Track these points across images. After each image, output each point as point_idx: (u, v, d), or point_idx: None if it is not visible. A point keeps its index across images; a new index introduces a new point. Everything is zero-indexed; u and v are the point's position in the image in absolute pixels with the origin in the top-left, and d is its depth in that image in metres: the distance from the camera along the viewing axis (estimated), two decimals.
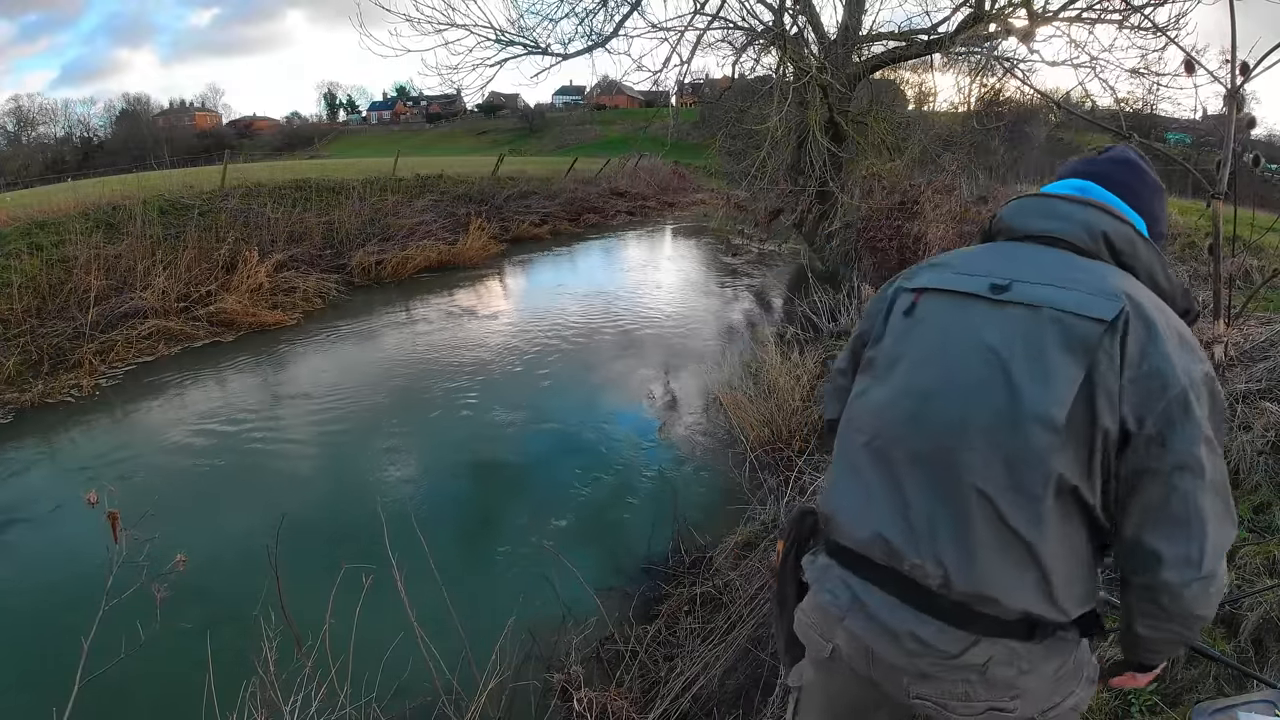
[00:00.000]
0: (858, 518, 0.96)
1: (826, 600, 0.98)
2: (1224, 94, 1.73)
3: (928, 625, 0.89)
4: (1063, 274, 0.89)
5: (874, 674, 0.96)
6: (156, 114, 53.06)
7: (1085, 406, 0.82)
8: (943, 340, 0.93)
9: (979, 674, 0.88)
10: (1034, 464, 0.83)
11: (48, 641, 2.69)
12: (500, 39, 8.74)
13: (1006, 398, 0.85)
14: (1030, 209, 0.99)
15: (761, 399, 4.25)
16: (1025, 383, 0.84)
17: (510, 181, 14.92)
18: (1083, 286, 0.86)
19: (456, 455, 4.56)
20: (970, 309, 0.92)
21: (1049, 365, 0.83)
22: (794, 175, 9.21)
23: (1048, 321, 0.85)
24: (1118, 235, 0.93)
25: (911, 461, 0.91)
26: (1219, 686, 1.64)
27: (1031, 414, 0.83)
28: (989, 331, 0.88)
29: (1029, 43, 7.81)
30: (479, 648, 2.22)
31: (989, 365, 0.87)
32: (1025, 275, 0.90)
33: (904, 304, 1.00)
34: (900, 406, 0.94)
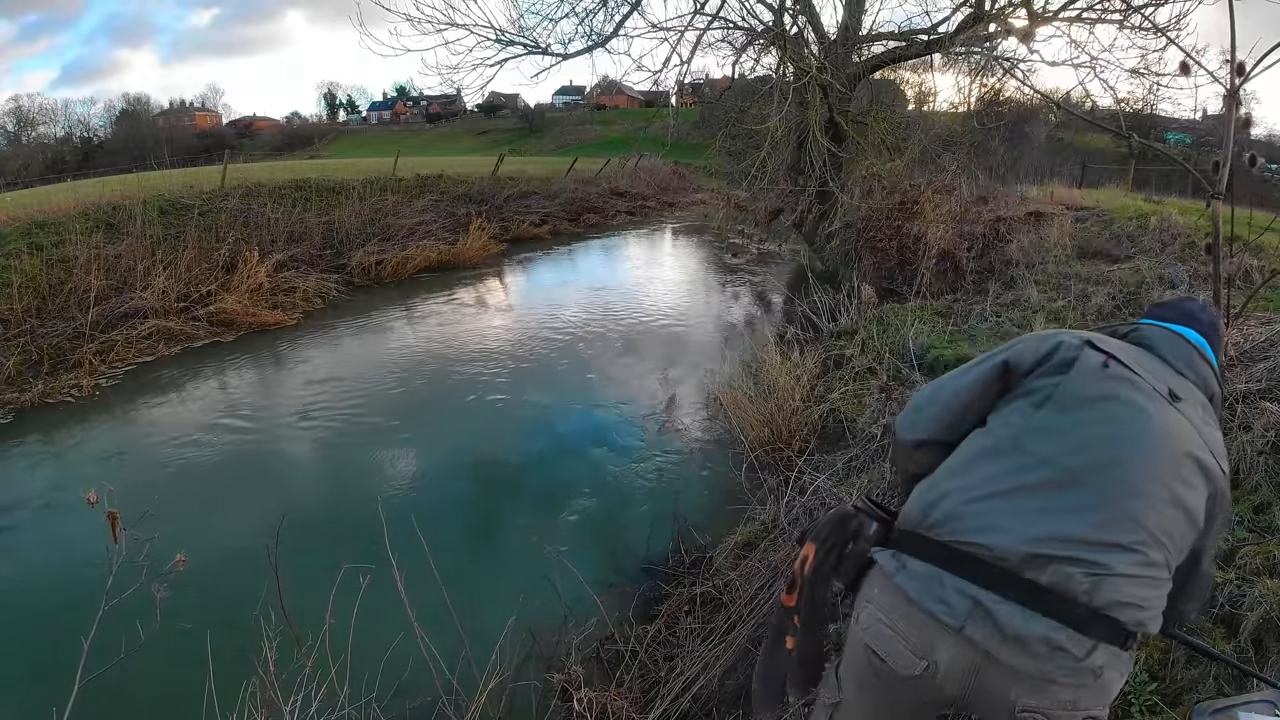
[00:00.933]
0: (1008, 526, 1.00)
1: (938, 609, 0.98)
2: (1223, 94, 1.73)
3: (1059, 630, 0.95)
4: (1202, 415, 1.11)
5: (974, 689, 0.98)
6: (156, 114, 53.05)
7: (1202, 517, 1.06)
8: (1140, 408, 1.07)
9: (1094, 677, 0.97)
10: (1177, 539, 1.04)
11: (48, 641, 2.69)
12: (500, 39, 8.75)
13: (1174, 481, 1.03)
14: (1173, 348, 1.19)
15: (761, 399, 4.25)
16: (1188, 478, 1.04)
17: (510, 181, 14.92)
18: (1212, 431, 1.11)
19: (456, 455, 4.56)
20: (1156, 399, 1.09)
21: (1198, 476, 1.05)
22: (794, 175, 9.22)
23: (1199, 444, 1.07)
24: (1218, 399, 1.18)
25: (1088, 490, 1.02)
26: (1219, 686, 1.64)
27: (1188, 506, 1.03)
28: (1174, 425, 1.06)
29: (1029, 43, 7.82)
30: (479, 648, 2.22)
31: (1171, 450, 1.04)
32: (1184, 397, 1.11)
33: (1096, 359, 1.12)
34: (1087, 442, 1.05)
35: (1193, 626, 1.78)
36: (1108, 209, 8.52)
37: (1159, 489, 1.01)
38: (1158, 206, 8.43)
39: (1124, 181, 13.10)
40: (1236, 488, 2.40)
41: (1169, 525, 1.01)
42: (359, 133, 59.92)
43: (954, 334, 4.84)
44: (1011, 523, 0.99)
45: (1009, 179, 11.18)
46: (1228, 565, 1.95)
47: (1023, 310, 5.18)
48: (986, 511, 1.02)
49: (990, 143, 11.61)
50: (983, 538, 0.99)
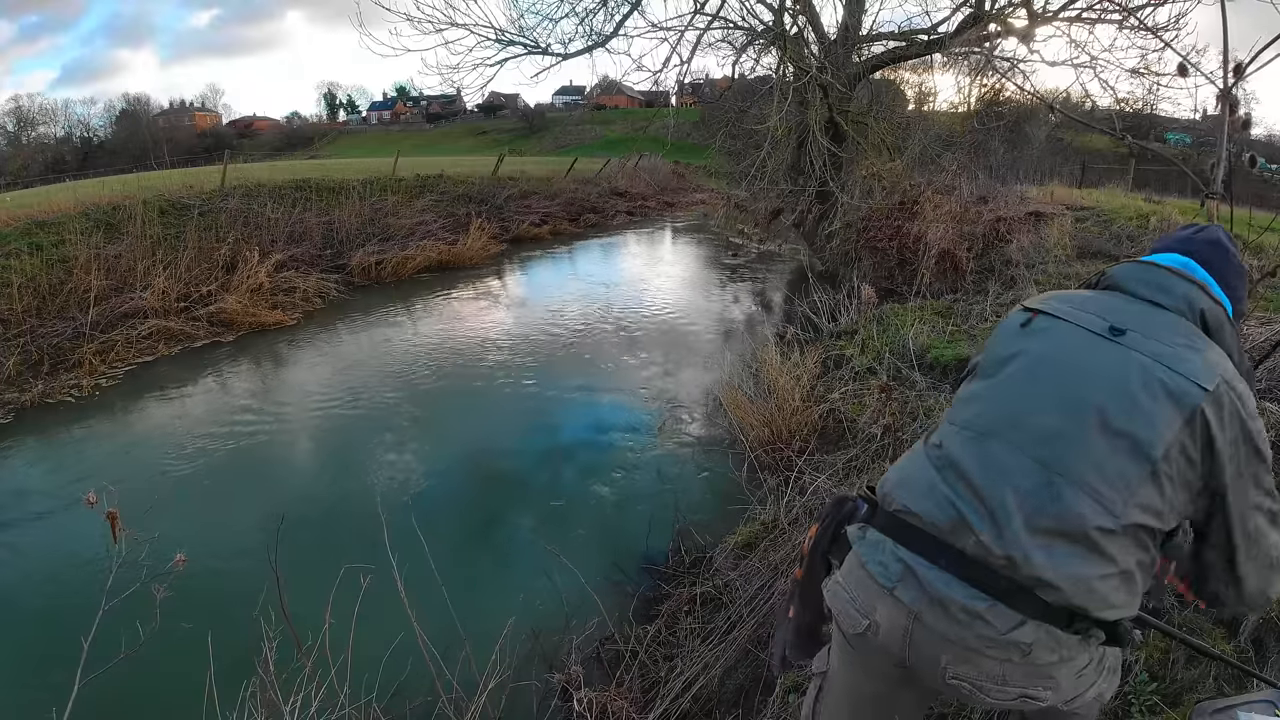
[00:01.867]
0: (928, 494, 1.03)
1: (876, 571, 1.02)
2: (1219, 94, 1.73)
3: (980, 600, 0.94)
4: (1172, 337, 1.02)
5: (908, 654, 1.00)
6: (156, 114, 53.09)
7: (1179, 452, 0.94)
8: (1059, 352, 1.04)
9: (1023, 655, 0.94)
10: (1120, 485, 0.94)
11: (47, 641, 2.69)
12: (500, 39, 8.74)
13: (1115, 419, 0.95)
14: (1141, 276, 1.12)
15: (761, 399, 4.25)
16: (1134, 413, 0.95)
17: (510, 181, 14.92)
18: (1189, 353, 0.99)
19: (456, 455, 4.56)
20: (1087, 339, 1.04)
21: (1155, 407, 0.95)
22: (794, 175, 9.22)
23: (1158, 371, 0.97)
24: (1211, 315, 1.07)
25: (1005, 449, 1.00)
26: (1219, 687, 1.64)
27: (1134, 442, 0.94)
28: (1106, 360, 1.01)
29: (1029, 43, 7.81)
30: (479, 648, 2.22)
31: (1103, 386, 0.98)
32: (1138, 329, 1.03)
33: (1018, 319, 1.11)
34: (1006, 400, 1.04)
35: (1194, 627, 1.78)
36: (1107, 209, 8.51)
37: (1076, 428, 0.96)
38: (1157, 206, 8.43)
39: (1124, 181, 13.10)
40: None
41: (1101, 463, 0.94)
42: (359, 133, 59.95)
43: (954, 334, 4.84)
44: (933, 487, 1.03)
45: (1009, 179, 11.17)
46: None
47: None
48: (913, 478, 1.07)
49: (990, 143, 11.60)
50: (914, 504, 1.03)
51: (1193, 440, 0.94)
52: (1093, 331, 1.04)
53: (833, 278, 7.72)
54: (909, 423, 3.51)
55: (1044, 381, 1.02)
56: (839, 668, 1.15)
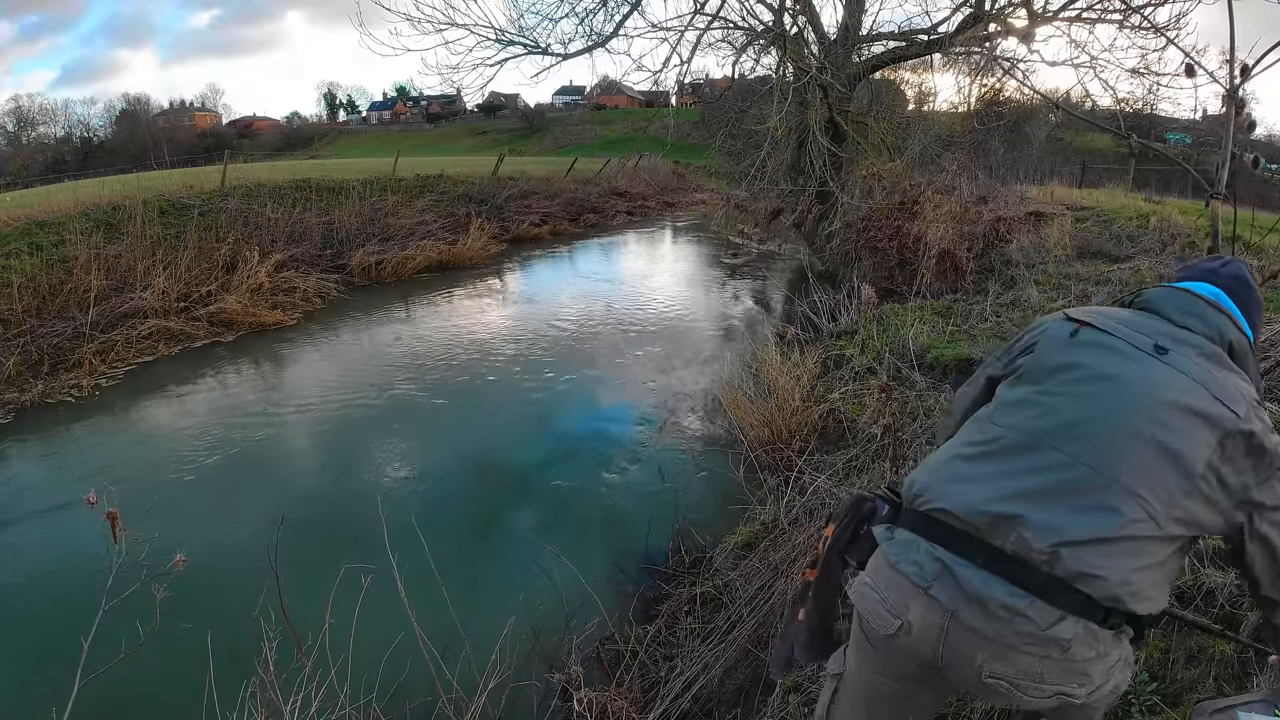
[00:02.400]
0: (969, 493, 1.04)
1: (910, 571, 1.03)
2: (1223, 94, 1.73)
3: (1020, 597, 0.96)
4: (1206, 361, 1.07)
5: (942, 653, 1.01)
6: (156, 114, 53.09)
7: (1213, 471, 0.99)
8: (1112, 367, 1.07)
9: (1062, 650, 0.96)
10: (1164, 496, 0.98)
11: (48, 641, 2.69)
12: (500, 39, 8.74)
13: (1163, 436, 0.99)
14: (1178, 303, 1.16)
15: (761, 399, 4.25)
16: (1180, 431, 1.00)
17: (510, 181, 14.92)
18: (1222, 378, 1.05)
19: (456, 455, 4.56)
20: (1137, 356, 1.08)
21: (1196, 426, 1.00)
22: (794, 175, 9.21)
23: (1198, 392, 1.02)
24: (1239, 345, 1.12)
25: (1059, 455, 1.02)
26: (1219, 687, 1.64)
27: (1178, 459, 0.98)
28: (1156, 377, 1.05)
29: (1029, 43, 7.80)
30: (479, 648, 2.22)
31: (1154, 402, 1.02)
32: (1179, 350, 1.08)
33: (1065, 329, 1.14)
34: (1061, 409, 1.06)
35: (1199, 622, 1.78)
36: (1108, 209, 8.51)
37: (1128, 441, 1.00)
38: (1158, 206, 8.43)
39: (1124, 181, 13.09)
40: None
41: (1148, 475, 0.98)
42: (359, 133, 59.95)
43: (954, 334, 4.84)
44: (974, 487, 1.04)
45: (1009, 179, 11.17)
46: (1228, 566, 1.95)
47: (1023, 310, 5.17)
48: (952, 478, 1.08)
49: (990, 143, 11.60)
50: (948, 502, 1.04)
51: (1224, 460, 0.99)
52: (1140, 349, 1.08)
53: (833, 278, 7.72)
54: (909, 423, 3.51)
55: (1100, 395, 1.05)
56: (856, 668, 1.15)
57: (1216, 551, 2.00)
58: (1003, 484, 1.02)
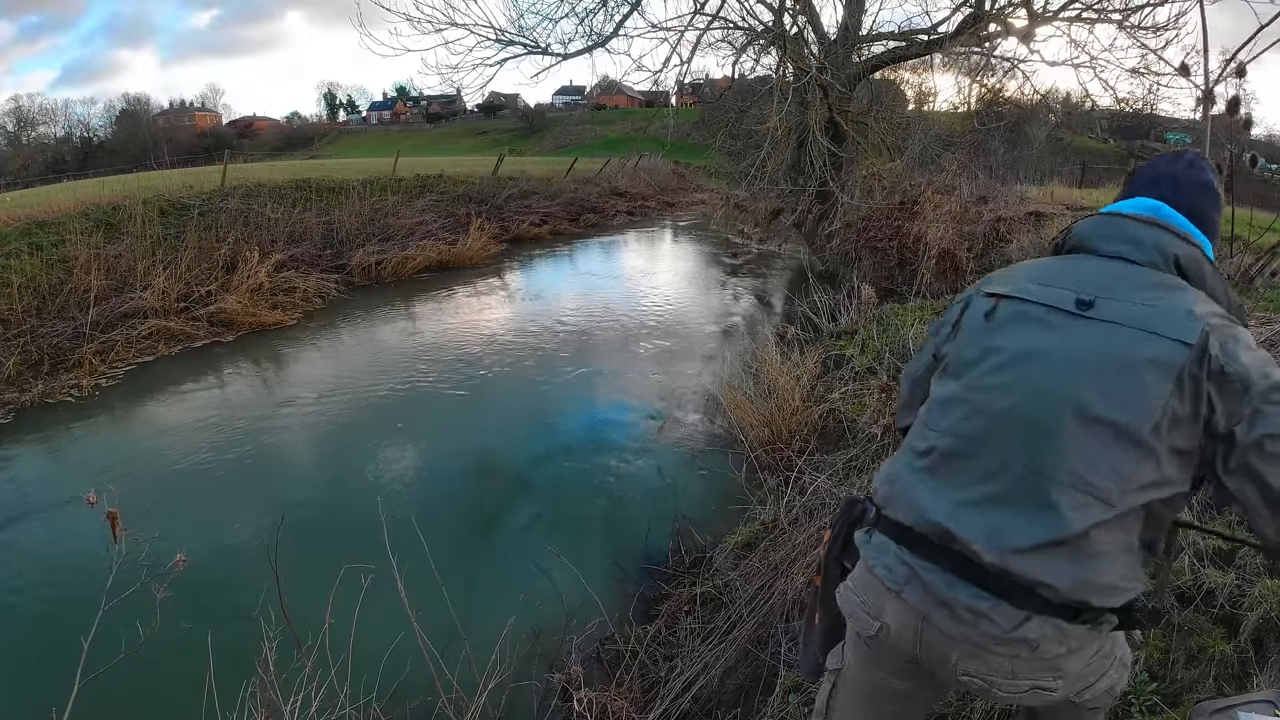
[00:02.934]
0: (917, 503, 1.02)
1: (882, 574, 1.03)
2: (1222, 95, 1.73)
3: (983, 599, 0.94)
4: (1146, 291, 0.95)
5: (920, 652, 1.01)
6: (156, 114, 53.12)
7: (1172, 419, 0.89)
8: (1027, 344, 0.99)
9: (1030, 650, 0.93)
10: (1112, 475, 0.90)
11: (48, 641, 2.69)
12: (500, 39, 8.74)
13: (1094, 407, 0.91)
14: (1106, 231, 1.04)
15: (761, 399, 4.25)
16: (1113, 395, 0.90)
17: (510, 181, 14.92)
18: (1166, 305, 0.93)
19: (456, 455, 4.56)
20: (1055, 322, 0.97)
21: (1136, 381, 0.90)
22: (794, 175, 9.21)
23: (1135, 339, 0.92)
24: (1188, 260, 0.99)
25: (991, 459, 0.97)
26: (1219, 686, 1.64)
27: (1118, 428, 0.89)
28: (1077, 342, 0.95)
29: (1029, 43, 7.80)
30: (479, 648, 2.22)
31: (1076, 373, 0.93)
32: (1108, 293, 0.96)
33: (982, 307, 1.06)
34: (983, 405, 1.00)
35: (1194, 627, 1.78)
36: None
37: (1060, 425, 0.92)
38: None
39: (1124, 181, 13.07)
40: None
41: (1091, 457, 0.90)
42: (359, 133, 59.98)
43: None
44: (921, 499, 1.02)
45: (1009, 179, 11.18)
46: (1228, 565, 1.95)
47: None
48: (904, 491, 1.06)
49: (990, 143, 11.60)
50: (903, 515, 1.03)
51: (1183, 400, 0.88)
52: (1060, 309, 0.98)
53: (833, 278, 7.72)
54: None
55: (1021, 381, 0.97)
56: (854, 663, 1.16)
57: (1216, 551, 2.00)
58: (945, 495, 0.99)
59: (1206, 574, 1.92)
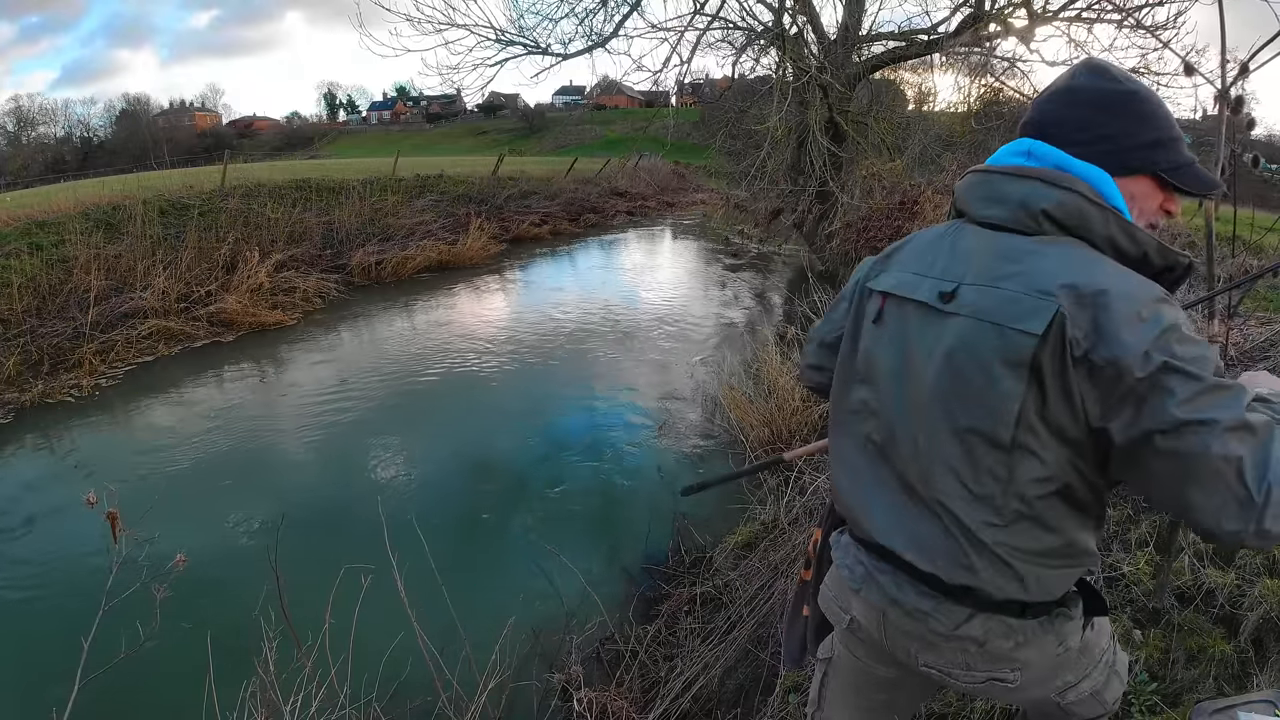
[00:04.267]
0: (858, 510, 1.03)
1: (845, 574, 1.06)
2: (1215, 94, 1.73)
3: (926, 599, 0.93)
4: (997, 271, 0.82)
5: (887, 642, 1.03)
6: (156, 114, 53.15)
7: (1039, 417, 0.78)
8: (899, 355, 0.93)
9: (978, 645, 0.93)
10: (990, 481, 0.83)
11: (48, 641, 2.69)
12: (500, 39, 8.75)
13: (959, 417, 0.84)
14: (974, 189, 0.91)
15: (761, 399, 4.25)
16: (972, 401, 0.82)
17: (510, 181, 14.92)
18: (1015, 286, 0.80)
19: (456, 455, 4.56)
20: (920, 322, 0.90)
21: (991, 384, 0.80)
22: (794, 175, 9.22)
23: (985, 334, 0.81)
24: (1061, 209, 0.81)
25: (891, 468, 0.96)
26: (1219, 687, 1.64)
27: (983, 435, 0.82)
28: (937, 344, 0.86)
29: (1028, 43, 7.81)
30: (479, 648, 2.22)
31: (939, 383, 0.86)
32: (968, 276, 0.85)
33: (873, 309, 0.99)
34: (876, 414, 0.97)
35: (1194, 627, 1.78)
36: None
37: (934, 440, 0.87)
38: None
39: None
40: None
41: (969, 467, 0.83)
42: (359, 133, 60.02)
43: None
44: (857, 514, 1.02)
45: None
46: (1228, 565, 1.95)
47: None
48: (840, 496, 1.07)
49: (990, 143, 11.58)
50: (854, 518, 1.05)
51: (1047, 398, 0.77)
52: (926, 304, 0.89)
53: (833, 278, 7.72)
54: None
55: (896, 395, 0.92)
56: (842, 652, 1.19)
57: (1216, 551, 2.00)
58: (868, 508, 0.99)
59: (1206, 574, 1.92)
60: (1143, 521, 2.28)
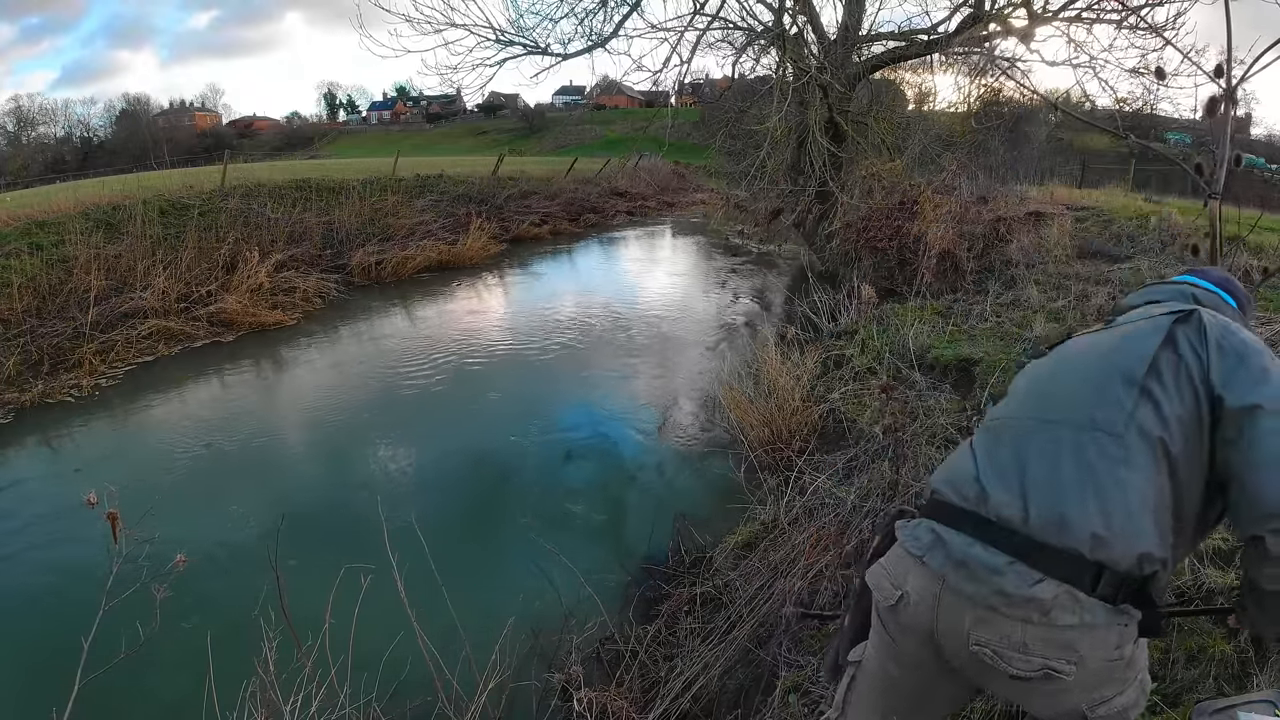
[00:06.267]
0: (960, 472, 1.11)
1: (909, 543, 1.10)
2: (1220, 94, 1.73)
3: (999, 557, 0.98)
4: (1164, 305, 1.20)
5: (937, 622, 1.03)
6: (156, 114, 53.10)
7: (1165, 365, 1.03)
8: (1060, 351, 1.28)
9: (1041, 612, 0.94)
10: (1114, 404, 1.03)
11: (48, 641, 2.69)
12: (500, 39, 8.74)
13: (1104, 358, 1.12)
14: (1141, 293, 1.32)
15: (761, 399, 4.25)
16: (1117, 351, 1.12)
17: (510, 181, 14.92)
18: (1173, 309, 1.13)
19: (456, 455, 4.56)
20: (1086, 337, 1.25)
21: (1138, 338, 1.11)
22: (794, 175, 9.21)
23: (1139, 321, 1.16)
24: (1205, 296, 1.20)
25: (1019, 423, 1.13)
26: (1219, 687, 1.64)
27: (1121, 370, 1.06)
28: (1098, 337, 1.21)
29: (1028, 43, 7.81)
30: (479, 648, 2.21)
31: (1095, 350, 1.17)
32: (1121, 319, 1.23)
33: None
34: (1025, 393, 1.21)
35: (1194, 627, 1.78)
36: (1108, 209, 8.52)
37: (1075, 381, 1.10)
38: (1158, 206, 8.44)
39: (1124, 181, 13.10)
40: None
41: (1099, 392, 1.04)
42: (359, 133, 59.97)
43: (954, 334, 4.84)
44: (963, 466, 1.12)
45: (1009, 179, 11.16)
46: (1228, 565, 1.95)
47: (1023, 310, 5.18)
48: (952, 465, 1.17)
49: (990, 143, 11.60)
50: (945, 486, 1.12)
51: (1174, 352, 1.03)
52: (1097, 328, 1.23)
53: (833, 278, 7.72)
54: (909, 423, 3.51)
55: (1052, 371, 1.19)
56: (872, 655, 1.19)
57: (1216, 551, 2.00)
58: (983, 460, 1.11)
59: (1206, 574, 1.92)
60: None
